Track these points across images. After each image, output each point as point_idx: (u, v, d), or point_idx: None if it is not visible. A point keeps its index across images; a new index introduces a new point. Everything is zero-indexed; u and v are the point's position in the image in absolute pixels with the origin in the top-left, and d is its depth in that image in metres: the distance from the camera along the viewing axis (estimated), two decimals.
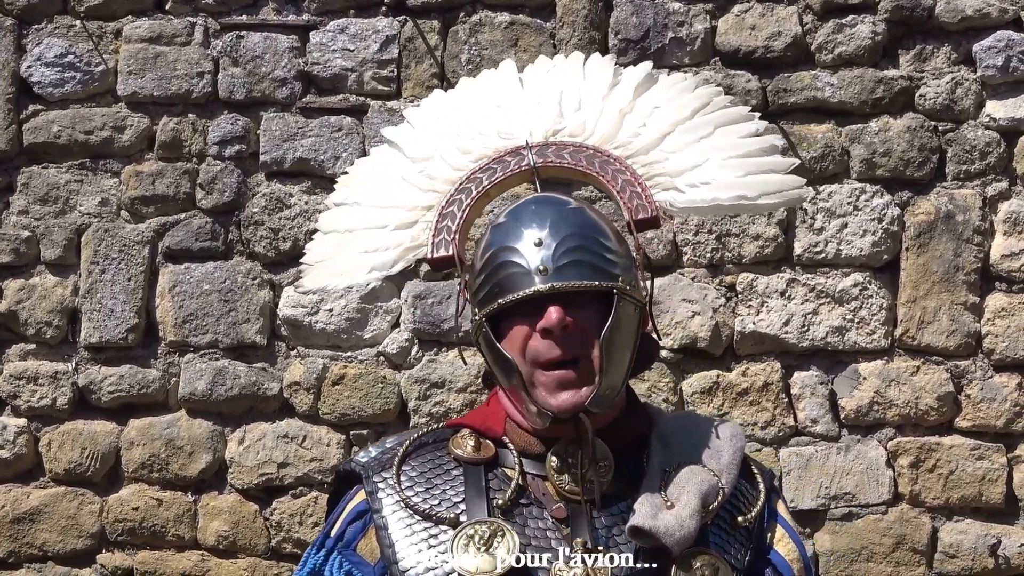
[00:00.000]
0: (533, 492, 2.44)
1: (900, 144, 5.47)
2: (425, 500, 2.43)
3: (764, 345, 5.50)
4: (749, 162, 2.65)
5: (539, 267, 2.38)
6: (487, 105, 2.77)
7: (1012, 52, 5.43)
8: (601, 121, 2.67)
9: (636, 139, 2.65)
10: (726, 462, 2.46)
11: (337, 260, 2.67)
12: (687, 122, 2.69)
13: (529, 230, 2.42)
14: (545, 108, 2.71)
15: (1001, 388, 5.44)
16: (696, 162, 2.63)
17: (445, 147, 2.70)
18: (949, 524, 5.47)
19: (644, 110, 2.71)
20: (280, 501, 5.67)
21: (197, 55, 5.72)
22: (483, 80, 2.87)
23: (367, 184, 2.76)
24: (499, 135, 2.67)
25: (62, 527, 5.73)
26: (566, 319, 2.36)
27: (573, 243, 2.40)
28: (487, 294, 2.42)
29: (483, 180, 2.61)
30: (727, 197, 2.59)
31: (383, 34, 5.65)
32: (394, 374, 5.61)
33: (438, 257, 2.57)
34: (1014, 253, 5.43)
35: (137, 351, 5.72)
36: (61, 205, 5.74)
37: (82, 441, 5.72)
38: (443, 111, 2.82)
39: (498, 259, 2.42)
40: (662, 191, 2.59)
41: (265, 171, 5.69)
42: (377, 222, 2.67)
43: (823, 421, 5.49)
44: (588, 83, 2.77)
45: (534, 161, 2.61)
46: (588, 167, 2.61)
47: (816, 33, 5.52)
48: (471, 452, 2.47)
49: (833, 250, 5.47)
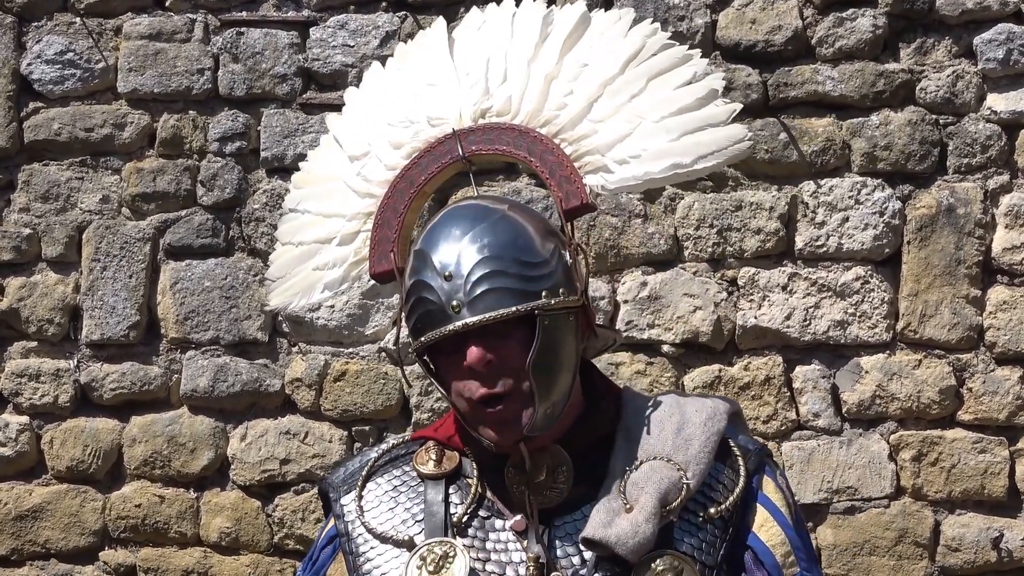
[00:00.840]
0: (494, 502, 2.38)
1: (901, 138, 5.46)
2: (388, 520, 2.40)
3: (766, 339, 5.50)
4: (684, 119, 2.46)
5: (452, 304, 2.29)
6: (418, 83, 2.63)
7: (1013, 45, 5.43)
8: (527, 93, 2.51)
9: (563, 112, 2.49)
10: (695, 452, 2.35)
11: (294, 277, 2.63)
12: (617, 79, 2.51)
13: (440, 259, 2.31)
14: (472, 81, 2.56)
15: (1003, 381, 5.43)
16: (625, 131, 2.46)
17: (378, 141, 2.58)
18: (951, 518, 5.46)
19: (571, 71, 2.53)
20: (282, 498, 5.67)
21: (197, 52, 5.71)
22: (417, 46, 2.73)
23: (315, 187, 2.67)
24: (428, 122, 2.54)
25: (64, 524, 5.74)
26: (486, 356, 2.28)
27: (484, 269, 2.30)
28: (413, 328, 2.36)
29: (415, 178, 2.51)
30: (659, 169, 2.43)
31: (383, 30, 5.64)
32: (396, 370, 5.61)
33: (379, 272, 2.49)
34: (1015, 246, 5.42)
35: (139, 348, 5.72)
36: (62, 202, 5.74)
37: (84, 438, 5.73)
38: (378, 92, 2.69)
39: (415, 293, 2.34)
40: (592, 173, 2.45)
41: (266, 167, 5.69)
42: (324, 234, 2.59)
43: (825, 415, 5.49)
44: (515, 43, 2.60)
45: (462, 151, 2.49)
46: (517, 151, 2.48)
47: (817, 27, 5.51)
48: (432, 468, 2.42)
49: (834, 244, 5.47)
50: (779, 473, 2.47)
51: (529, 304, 2.29)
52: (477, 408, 2.31)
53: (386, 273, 2.48)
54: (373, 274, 2.50)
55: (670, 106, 2.47)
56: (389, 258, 2.46)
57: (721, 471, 2.37)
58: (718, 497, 2.35)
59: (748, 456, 2.40)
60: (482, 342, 2.29)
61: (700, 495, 2.34)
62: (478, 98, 2.54)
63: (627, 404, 2.44)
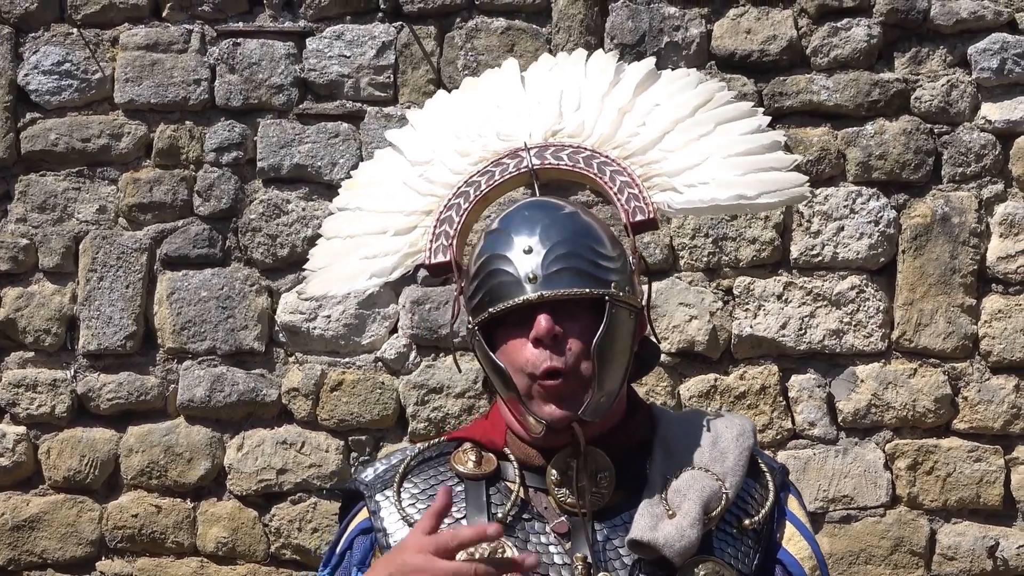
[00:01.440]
0: (535, 506, 2.42)
1: (896, 147, 5.47)
2: None
3: (761, 348, 5.51)
4: (749, 160, 2.61)
5: (528, 275, 2.35)
6: (487, 106, 2.73)
7: (1007, 54, 5.45)
8: (600, 120, 2.63)
9: (635, 139, 2.60)
10: (731, 464, 2.43)
11: (337, 266, 2.65)
12: (687, 120, 2.64)
13: (519, 237, 2.39)
14: (545, 108, 2.67)
15: (998, 390, 5.44)
16: (695, 161, 2.58)
17: (444, 150, 2.66)
18: (947, 526, 5.47)
19: (644, 108, 2.66)
20: (279, 507, 5.68)
21: (194, 62, 5.73)
22: (485, 80, 2.82)
23: (369, 188, 2.72)
24: (498, 136, 2.63)
25: (61, 534, 5.74)
26: (555, 328, 2.33)
27: (563, 249, 2.37)
28: (479, 302, 2.40)
29: (481, 184, 2.57)
30: (725, 197, 2.55)
31: (379, 40, 5.66)
32: (392, 380, 5.62)
33: (436, 263, 2.53)
34: (1010, 255, 5.44)
35: (135, 358, 5.72)
36: (59, 213, 5.75)
37: (81, 448, 5.73)
38: (445, 112, 2.78)
39: (489, 266, 2.39)
40: (660, 192, 2.55)
41: (262, 177, 5.70)
42: (377, 227, 2.64)
43: (821, 424, 5.50)
44: (589, 81, 2.72)
45: (532, 163, 2.57)
46: (586, 169, 2.57)
47: (811, 36, 5.53)
48: (472, 467, 2.44)
49: (830, 253, 5.48)
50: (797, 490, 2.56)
51: (601, 290, 2.36)
52: (535, 383, 2.35)
53: (442, 266, 2.53)
54: (429, 265, 2.55)
55: (737, 147, 2.61)
56: (448, 251, 2.52)
57: (752, 486, 2.45)
58: (750, 510, 2.43)
59: (774, 473, 2.49)
60: (552, 315, 2.34)
61: (735, 507, 2.42)
62: (551, 120, 2.64)
63: (660, 417, 2.52)
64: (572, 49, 5.48)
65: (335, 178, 5.62)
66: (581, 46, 5.51)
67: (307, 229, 5.60)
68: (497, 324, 2.39)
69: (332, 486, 5.60)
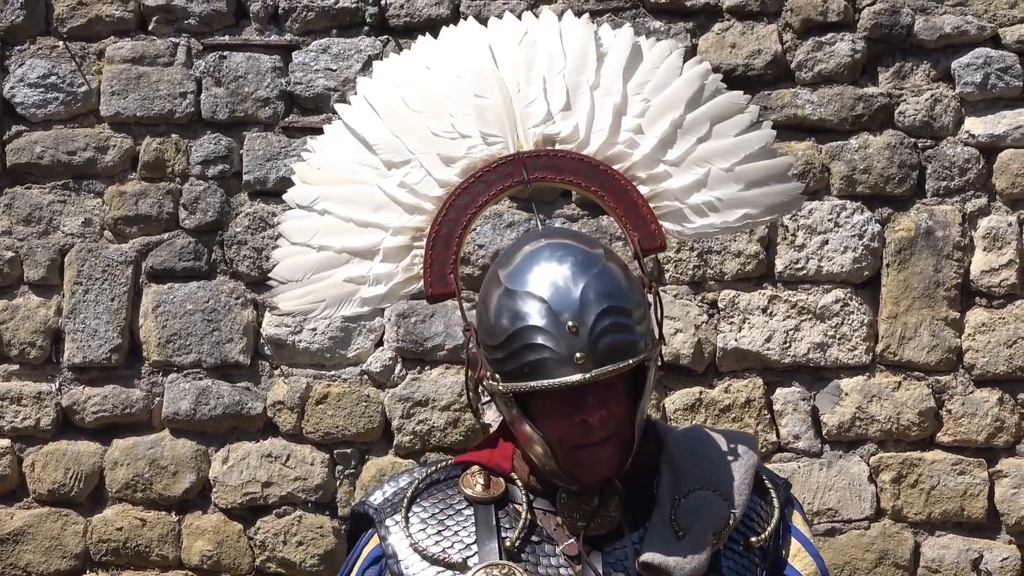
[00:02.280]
0: (544, 528, 2.42)
1: (880, 161, 5.49)
2: (437, 543, 2.41)
3: (746, 361, 5.52)
4: (749, 169, 2.57)
5: (577, 357, 2.29)
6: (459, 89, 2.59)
7: (990, 69, 5.47)
8: (597, 125, 2.55)
9: (637, 151, 2.54)
10: (737, 483, 2.43)
11: (318, 286, 2.57)
12: (682, 118, 2.58)
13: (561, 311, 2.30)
14: (528, 100, 2.57)
15: (982, 403, 5.46)
16: (699, 176, 2.54)
17: (425, 153, 2.54)
18: (931, 539, 5.48)
19: (636, 106, 2.58)
20: (264, 520, 5.67)
21: (180, 75, 5.73)
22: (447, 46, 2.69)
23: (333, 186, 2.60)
24: (484, 139, 2.54)
25: (46, 548, 5.72)
26: (602, 410, 2.31)
27: (607, 321, 2.31)
28: (516, 371, 2.33)
29: (474, 197, 2.50)
30: (734, 219, 2.55)
31: (365, 54, 5.66)
32: (378, 392, 5.62)
33: (438, 293, 2.48)
34: (994, 269, 5.46)
35: (121, 371, 5.71)
36: (44, 226, 5.74)
37: (66, 461, 5.72)
38: (405, 82, 2.63)
39: (527, 338, 2.31)
40: (669, 217, 2.53)
41: (248, 191, 5.70)
42: (358, 244, 2.54)
43: (805, 437, 5.51)
44: (571, 63, 2.61)
45: (528, 176, 2.50)
46: (589, 183, 2.52)
47: (796, 51, 5.55)
48: (481, 491, 2.44)
49: (814, 267, 5.49)
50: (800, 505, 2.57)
51: (641, 356, 2.33)
52: (575, 453, 2.34)
53: (445, 295, 2.48)
54: (431, 295, 2.49)
55: (736, 153, 2.57)
56: (448, 280, 2.47)
57: (757, 503, 2.46)
58: (756, 527, 2.44)
59: (779, 490, 2.50)
60: (597, 393, 2.32)
61: (741, 525, 2.43)
62: (540, 120, 2.55)
63: (665, 435, 2.51)
64: None
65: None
66: None
67: None
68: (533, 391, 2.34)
69: (353, 507, 5.59)
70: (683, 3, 5.56)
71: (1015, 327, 5.45)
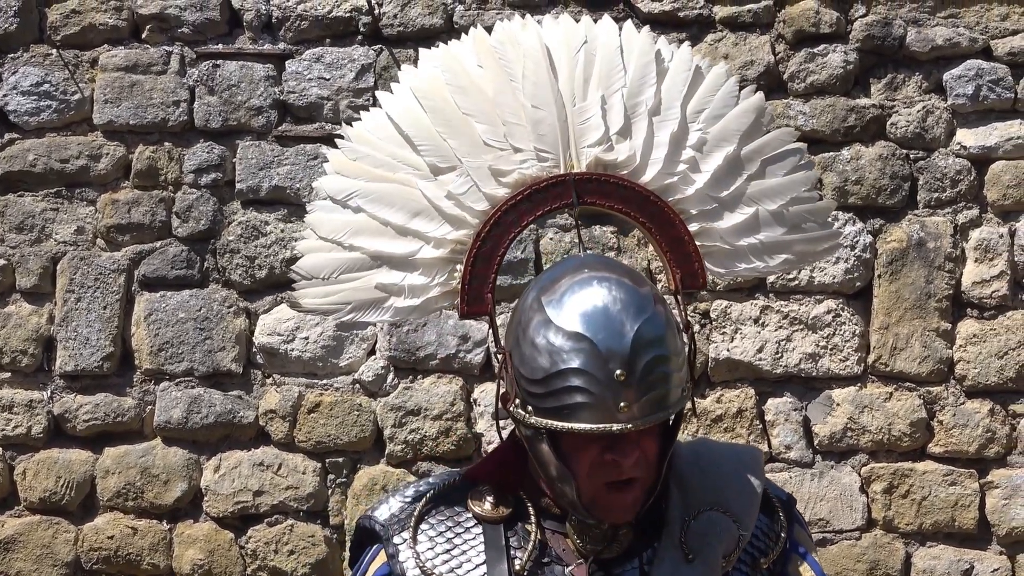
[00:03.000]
0: (553, 548, 2.38)
1: (872, 172, 5.51)
2: (446, 563, 2.38)
3: (738, 372, 5.52)
4: (794, 212, 2.52)
5: (622, 407, 2.23)
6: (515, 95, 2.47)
7: (982, 81, 5.49)
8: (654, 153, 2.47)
9: (690, 187, 2.47)
10: (746, 504, 2.41)
11: (346, 287, 2.47)
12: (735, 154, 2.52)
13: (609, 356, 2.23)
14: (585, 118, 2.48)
15: (973, 414, 5.47)
16: (746, 218, 2.48)
17: (473, 162, 2.43)
18: (922, 550, 5.49)
19: (693, 136, 2.50)
20: (255, 529, 5.66)
21: (173, 84, 5.73)
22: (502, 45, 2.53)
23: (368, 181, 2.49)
24: (537, 155, 2.44)
25: (37, 556, 5.71)
26: (636, 454, 2.28)
27: (654, 372, 2.25)
28: (553, 409, 2.25)
29: (520, 215, 2.43)
30: (776, 264, 2.52)
31: (359, 63, 5.67)
32: (370, 402, 5.62)
33: (474, 311, 2.42)
34: (985, 280, 5.47)
35: (112, 379, 5.71)
36: (37, 233, 5.73)
37: (57, 470, 5.71)
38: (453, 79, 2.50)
39: (569, 380, 2.24)
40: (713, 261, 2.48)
41: (241, 199, 5.70)
42: (394, 250, 2.44)
43: (797, 447, 5.51)
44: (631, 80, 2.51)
45: (576, 201, 2.42)
46: (638, 214, 2.44)
47: (788, 62, 5.56)
48: (490, 509, 2.40)
49: (806, 277, 5.50)
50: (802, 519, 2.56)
51: (679, 405, 2.30)
52: (599, 494, 2.30)
53: (479, 314, 2.42)
54: (465, 313, 2.42)
55: (783, 195, 2.52)
56: (485, 299, 2.41)
57: (764, 522, 2.44)
58: (763, 547, 2.43)
59: (783, 505, 2.48)
60: (632, 438, 2.27)
61: (749, 545, 2.42)
62: (595, 141, 2.46)
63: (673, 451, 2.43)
64: None
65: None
66: None
67: (285, 251, 5.60)
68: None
69: (359, 520, 5.58)
70: (676, 14, 5.57)
71: (1006, 338, 5.46)
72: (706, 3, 5.58)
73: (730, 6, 5.57)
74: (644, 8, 5.56)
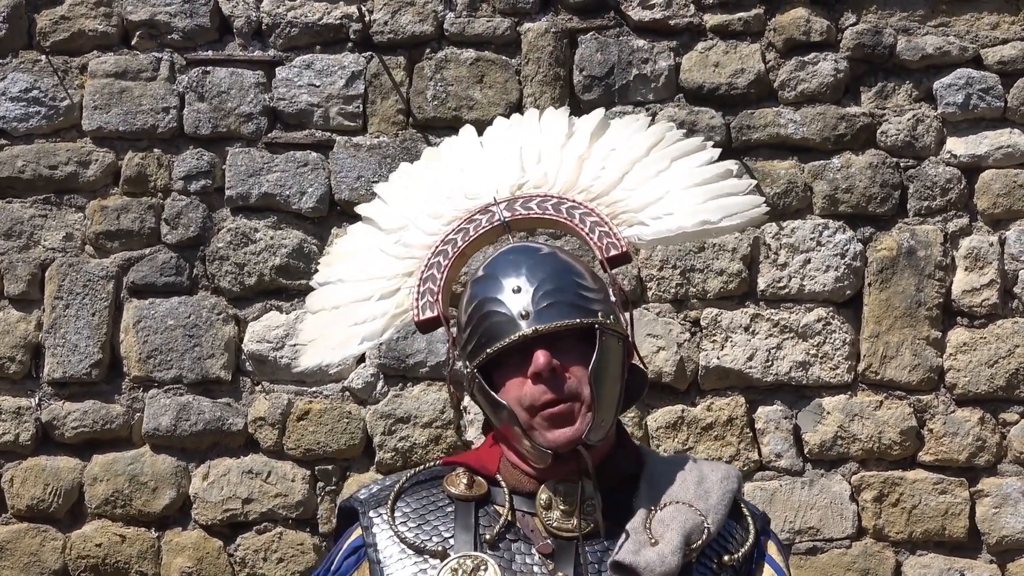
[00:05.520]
0: (522, 528, 2.51)
1: (862, 180, 5.51)
2: (417, 535, 2.51)
3: (728, 380, 5.52)
4: (708, 188, 2.72)
5: (521, 312, 2.47)
6: (451, 170, 2.85)
7: (972, 90, 5.50)
8: (562, 170, 2.75)
9: (596, 182, 2.72)
10: (714, 503, 2.52)
11: (329, 336, 2.75)
12: (644, 159, 2.77)
13: (507, 279, 2.51)
14: (507, 165, 2.79)
15: (963, 422, 5.47)
16: (657, 195, 2.70)
17: (417, 215, 2.76)
18: (913, 558, 5.49)
19: (601, 154, 2.78)
20: (244, 537, 5.65)
21: (163, 90, 5.72)
22: (445, 148, 2.95)
23: (348, 261, 2.83)
24: (465, 196, 2.74)
25: (24, 564, 5.69)
26: (553, 362, 2.44)
27: (550, 285, 2.49)
28: (475, 345, 2.51)
29: (457, 241, 2.68)
30: (691, 224, 2.66)
31: (349, 70, 5.66)
32: (359, 409, 5.61)
33: (424, 319, 2.64)
34: (975, 288, 5.47)
35: (101, 386, 5.69)
36: (25, 240, 5.72)
37: (45, 477, 5.69)
38: (410, 182, 2.89)
39: (482, 310, 2.50)
40: (628, 227, 2.66)
41: (231, 206, 5.69)
42: (362, 295, 2.74)
43: (787, 456, 5.51)
44: (545, 136, 2.85)
45: (503, 216, 2.68)
46: (555, 214, 2.69)
47: (779, 70, 5.56)
48: (464, 489, 2.54)
49: (796, 285, 5.50)
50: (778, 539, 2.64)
51: (590, 319, 2.48)
52: (538, 413, 2.45)
53: (430, 321, 2.64)
54: (418, 322, 2.65)
55: (695, 178, 2.74)
56: (435, 307, 2.63)
57: (733, 527, 2.55)
58: (731, 548, 2.52)
59: (755, 518, 2.59)
60: (547, 350, 2.44)
61: (715, 543, 2.51)
62: (515, 175, 2.76)
63: (647, 456, 2.62)
64: (541, 80, 5.53)
65: (303, 207, 5.62)
66: (550, 77, 5.54)
67: (275, 258, 5.59)
68: (495, 365, 2.50)
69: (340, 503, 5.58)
70: (667, 22, 5.57)
71: (996, 347, 5.47)
72: (696, 11, 5.59)
73: (721, 14, 5.58)
74: (635, 16, 5.57)
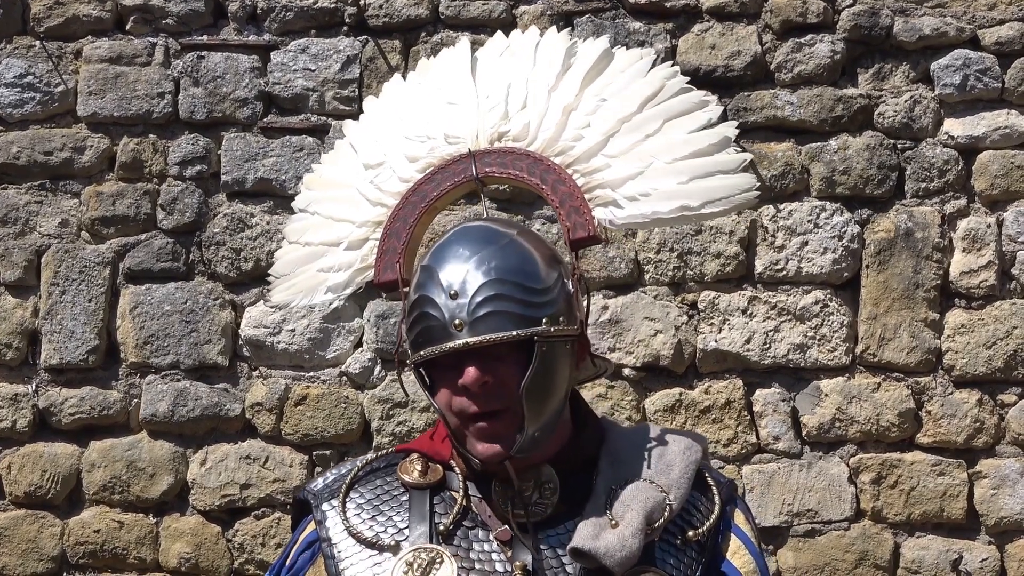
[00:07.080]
0: (479, 514, 2.44)
1: (859, 162, 5.50)
2: (371, 527, 2.44)
3: (726, 363, 5.52)
4: (696, 164, 2.55)
5: (455, 322, 2.34)
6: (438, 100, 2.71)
7: (969, 71, 5.48)
8: (545, 121, 2.60)
9: (579, 143, 2.57)
10: (676, 477, 2.44)
11: (298, 277, 2.67)
12: (634, 117, 2.60)
13: (448, 277, 2.37)
14: (491, 104, 2.64)
15: (961, 404, 5.47)
16: (638, 169, 2.54)
17: (394, 153, 2.65)
18: (911, 540, 5.49)
19: (590, 104, 2.62)
20: (242, 522, 5.65)
21: (158, 75, 5.70)
22: (440, 63, 2.81)
23: (329, 190, 2.72)
24: (446, 139, 2.62)
25: (22, 550, 5.69)
26: (483, 378, 2.34)
27: (490, 291, 2.35)
28: (414, 341, 2.41)
29: (427, 192, 2.58)
30: (668, 209, 2.52)
31: (344, 54, 5.65)
32: (357, 394, 5.60)
33: (384, 281, 2.56)
34: (973, 270, 5.47)
35: (98, 373, 5.69)
36: (21, 226, 5.71)
37: (42, 463, 5.69)
38: (398, 103, 2.77)
39: (420, 307, 2.39)
40: (602, 206, 2.53)
41: (226, 191, 5.68)
42: (332, 237, 2.65)
43: (785, 438, 5.51)
44: (538, 70, 2.68)
45: (476, 171, 2.56)
46: (529, 178, 2.56)
47: (775, 52, 5.55)
48: (417, 477, 2.47)
49: (794, 268, 5.50)
50: (746, 505, 2.57)
51: (529, 330, 2.34)
52: (468, 424, 2.36)
53: (391, 283, 2.54)
54: (377, 283, 2.56)
55: (683, 149, 2.56)
56: (395, 268, 2.53)
57: (698, 499, 2.46)
58: (695, 523, 2.44)
59: (721, 487, 2.50)
60: (480, 362, 2.34)
61: (679, 519, 2.43)
62: (496, 121, 2.61)
63: (609, 431, 2.53)
64: None
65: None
66: None
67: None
68: (431, 365, 2.41)
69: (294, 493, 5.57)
70: (663, 4, 5.56)
71: (994, 328, 5.47)
72: None
73: None
74: None
